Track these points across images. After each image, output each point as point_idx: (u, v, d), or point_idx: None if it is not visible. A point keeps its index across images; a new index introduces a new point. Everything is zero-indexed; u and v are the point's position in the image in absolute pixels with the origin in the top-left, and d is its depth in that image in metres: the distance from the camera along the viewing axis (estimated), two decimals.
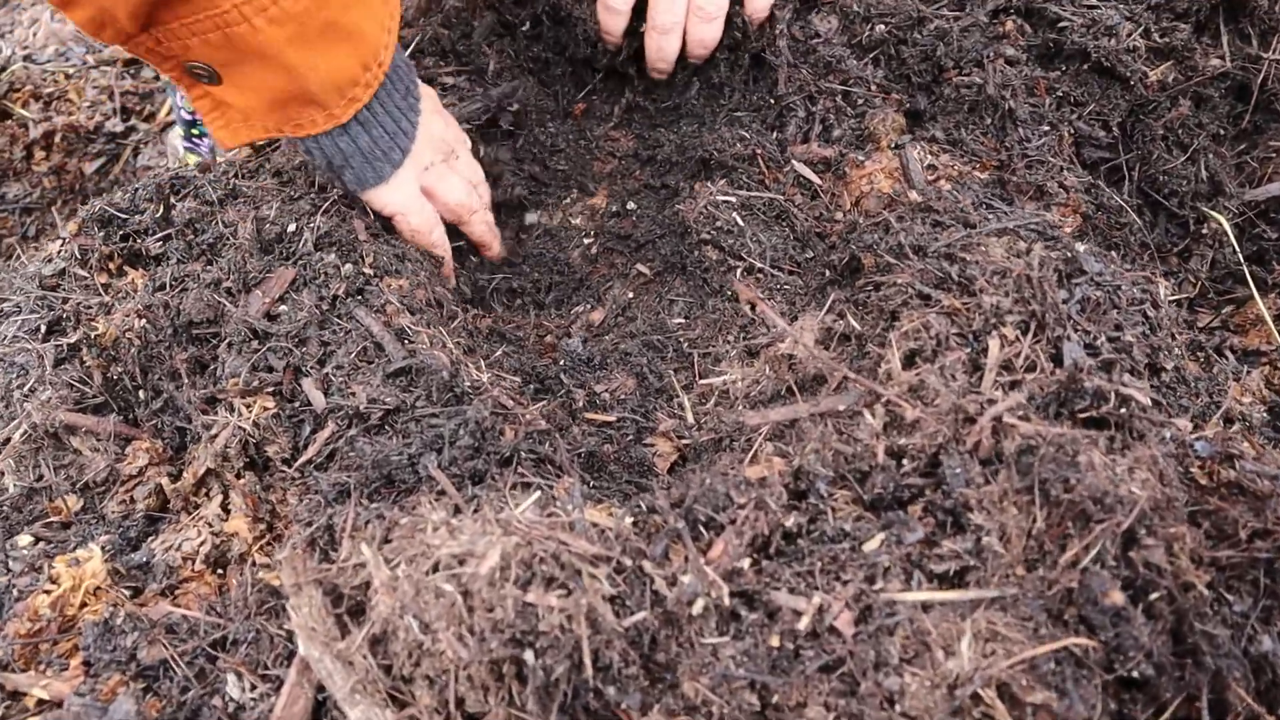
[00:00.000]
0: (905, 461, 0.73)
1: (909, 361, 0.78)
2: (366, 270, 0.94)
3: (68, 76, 1.64)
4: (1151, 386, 0.82)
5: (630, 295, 1.14)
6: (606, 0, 1.15)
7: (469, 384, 0.86)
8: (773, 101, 1.17)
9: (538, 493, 0.72)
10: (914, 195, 0.95)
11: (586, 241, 1.22)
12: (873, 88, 1.17)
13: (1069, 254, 0.84)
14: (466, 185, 1.10)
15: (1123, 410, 0.72)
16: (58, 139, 1.58)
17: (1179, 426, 0.77)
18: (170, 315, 0.90)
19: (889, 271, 0.89)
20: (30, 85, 1.63)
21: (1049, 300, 0.78)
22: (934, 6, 1.23)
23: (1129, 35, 1.08)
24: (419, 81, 1.03)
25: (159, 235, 0.96)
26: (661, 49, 1.16)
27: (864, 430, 0.75)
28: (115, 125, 1.58)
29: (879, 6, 1.23)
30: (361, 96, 0.92)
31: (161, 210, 0.95)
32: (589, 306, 1.15)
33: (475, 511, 0.71)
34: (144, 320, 0.90)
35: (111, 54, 1.75)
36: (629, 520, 0.74)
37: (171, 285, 0.92)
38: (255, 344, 0.89)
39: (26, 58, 1.68)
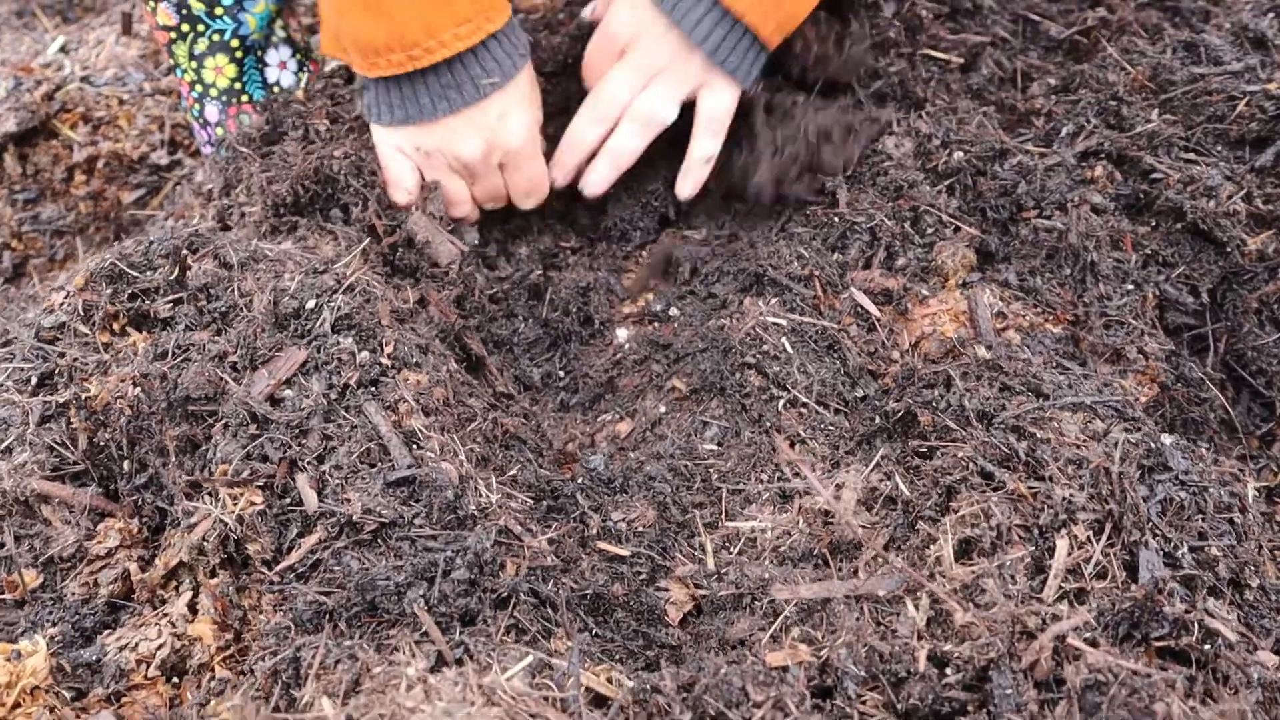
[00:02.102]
0: (949, 671, 0.64)
1: (963, 551, 0.70)
2: (384, 360, 0.88)
3: (121, 102, 1.62)
4: (1232, 603, 0.73)
5: (662, 410, 1.06)
6: (585, 82, 1.18)
7: (474, 506, 0.78)
8: (836, 220, 1.10)
9: (530, 657, 0.64)
10: (982, 351, 0.87)
11: (623, 341, 1.15)
12: (944, 218, 1.10)
13: (1152, 444, 0.75)
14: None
15: (1206, 646, 0.63)
16: (100, 165, 1.55)
17: (1265, 664, 0.67)
18: (167, 387, 0.83)
19: (947, 436, 0.81)
20: (82, 107, 1.60)
21: (1128, 501, 0.69)
22: (1018, 139, 1.16)
23: (1229, 198, 1.00)
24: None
25: (170, 298, 0.90)
26: (579, 137, 1.15)
27: (905, 625, 0.67)
28: (160, 157, 1.54)
29: (959, 132, 1.16)
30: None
31: (176, 273, 0.90)
32: (617, 416, 1.07)
33: (459, 668, 0.63)
34: (139, 389, 0.84)
35: (169, 84, 1.73)
36: (630, 684, 0.65)
37: (174, 354, 0.86)
38: (253, 429, 0.82)
39: (84, 78, 1.66)
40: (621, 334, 1.16)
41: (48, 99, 1.56)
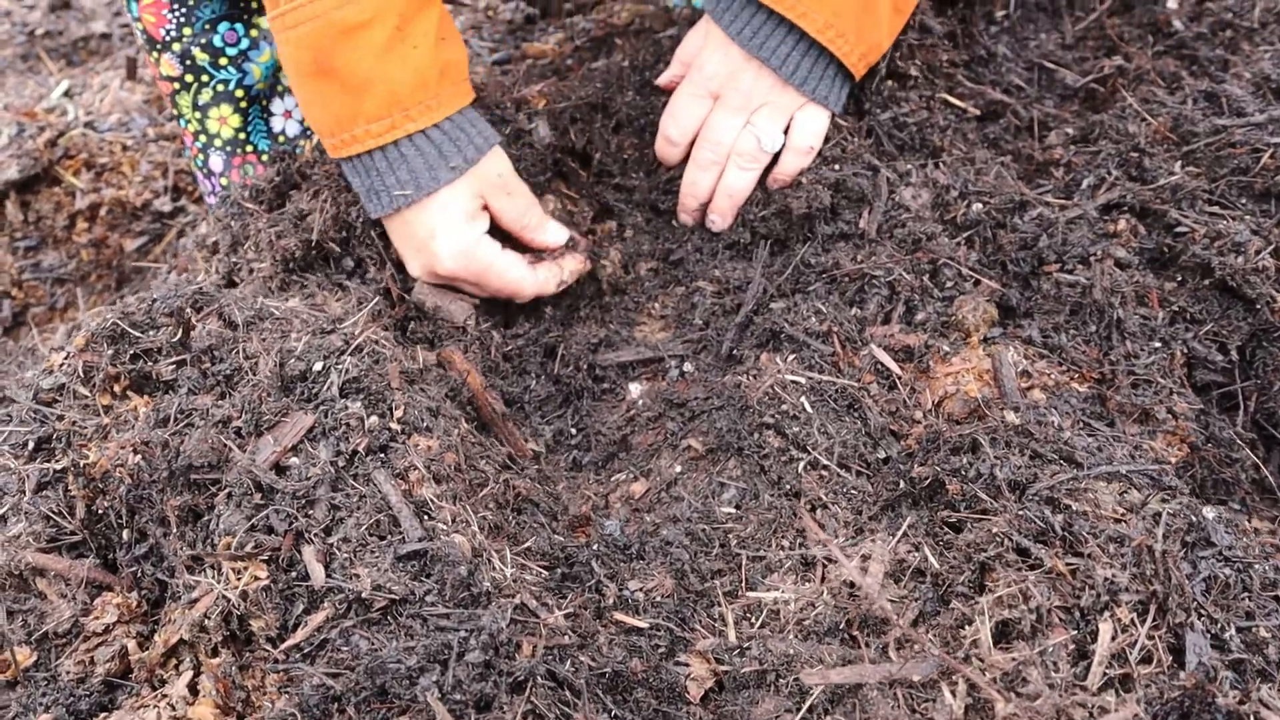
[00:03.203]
0: None
1: (1001, 634, 0.67)
2: (393, 425, 0.85)
3: (125, 148, 1.60)
4: None
5: (678, 469, 1.03)
6: (665, 132, 1.18)
7: (489, 582, 0.75)
8: (854, 274, 1.08)
9: None
10: (1010, 416, 0.85)
11: (636, 397, 1.12)
12: (964, 271, 1.08)
13: (1193, 518, 0.72)
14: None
15: None
16: (103, 212, 1.53)
17: None
18: (169, 455, 0.81)
19: (978, 506, 0.78)
20: (85, 153, 1.59)
21: (1173, 581, 0.66)
22: (1038, 190, 1.14)
23: (1257, 253, 0.98)
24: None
25: (173, 360, 0.88)
26: (695, 184, 1.16)
27: (942, 713, 0.63)
28: (164, 204, 1.53)
29: (977, 183, 1.14)
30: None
31: (180, 334, 0.87)
32: (631, 476, 1.04)
33: None
34: (139, 456, 0.81)
35: (172, 129, 1.72)
36: None
37: (177, 419, 0.83)
38: (258, 498, 0.79)
39: (88, 124, 1.64)
40: (634, 389, 1.13)
41: (50, 145, 1.54)
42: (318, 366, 0.87)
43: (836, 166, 1.11)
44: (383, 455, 0.83)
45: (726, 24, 1.08)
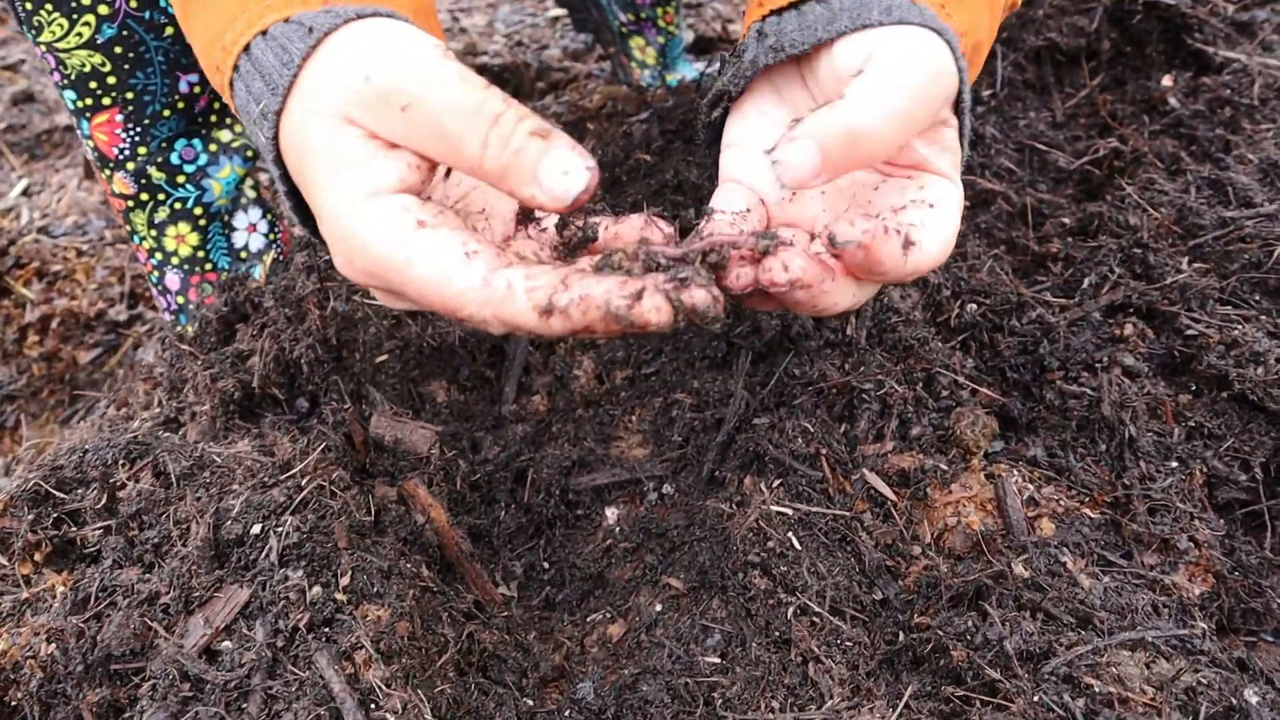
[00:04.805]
0: None
1: None
2: (339, 595, 0.77)
3: (80, 253, 1.54)
4: None
5: (658, 609, 0.95)
6: None
7: None
8: (840, 386, 1.00)
9: None
10: (1020, 569, 0.77)
11: (613, 523, 1.04)
12: (960, 379, 1.00)
13: (1233, 700, 0.64)
14: None
15: None
16: (55, 323, 1.46)
17: None
18: (85, 646, 0.73)
19: (984, 677, 0.70)
20: (38, 261, 1.52)
21: None
22: (1036, 288, 1.07)
23: (1278, 361, 0.91)
24: None
25: (99, 525, 0.80)
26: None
27: None
28: (119, 313, 1.46)
29: (970, 280, 1.07)
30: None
31: (105, 499, 0.80)
32: (608, 616, 0.96)
33: None
34: (54, 645, 0.73)
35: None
36: None
37: (99, 597, 0.75)
38: (186, 690, 0.71)
39: (42, 229, 1.58)
40: (611, 515, 1.05)
41: (2, 254, 1.48)
42: (256, 530, 0.79)
43: None
44: (327, 630, 0.76)
45: None
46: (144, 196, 1.15)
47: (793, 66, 0.77)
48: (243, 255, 1.20)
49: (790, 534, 0.90)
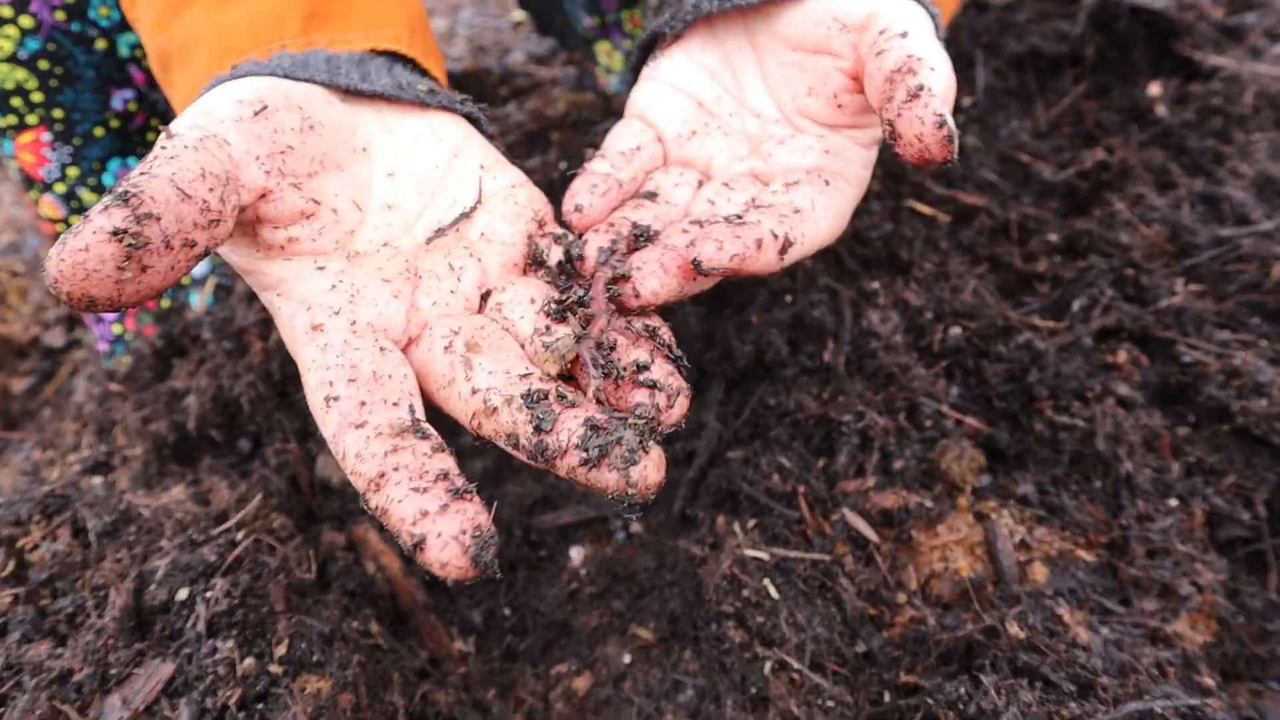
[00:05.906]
0: None
1: None
2: (274, 667, 0.70)
3: (14, 274, 1.45)
4: None
5: (626, 660, 0.89)
6: None
7: None
8: (818, 418, 0.94)
9: None
10: (1014, 629, 0.71)
11: (578, 565, 0.98)
12: (944, 409, 0.95)
13: None
14: None
15: None
16: None
17: None
18: None
19: None
20: None
21: None
22: (1023, 310, 1.01)
23: None
24: None
25: (8, 593, 0.73)
26: None
27: None
28: (55, 338, 1.37)
29: (953, 303, 1.02)
30: None
31: (13, 565, 0.72)
32: (574, 668, 0.90)
33: None
34: None
35: None
36: None
37: (2, 678, 0.68)
38: None
39: None
40: (576, 555, 0.99)
41: None
42: (182, 595, 0.72)
43: (788, 298, 0.98)
44: (260, 708, 0.69)
45: None
46: (74, 220, 1.07)
47: (737, 15, 0.76)
48: (184, 281, 1.13)
49: (766, 580, 0.84)
